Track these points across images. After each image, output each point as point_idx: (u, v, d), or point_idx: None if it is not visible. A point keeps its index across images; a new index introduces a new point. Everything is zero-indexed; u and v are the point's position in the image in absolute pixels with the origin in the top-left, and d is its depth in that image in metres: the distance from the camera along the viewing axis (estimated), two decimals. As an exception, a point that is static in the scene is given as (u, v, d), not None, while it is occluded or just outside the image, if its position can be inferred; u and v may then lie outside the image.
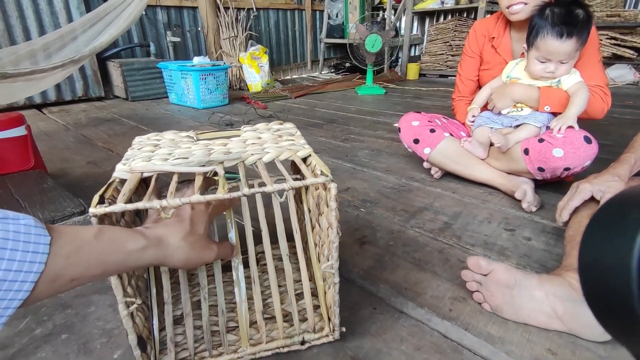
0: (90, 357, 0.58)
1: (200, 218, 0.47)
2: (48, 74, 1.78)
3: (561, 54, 0.98)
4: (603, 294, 0.18)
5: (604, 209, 0.20)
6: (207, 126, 2.05)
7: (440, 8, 3.68)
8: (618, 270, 0.17)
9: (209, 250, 0.47)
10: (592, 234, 0.19)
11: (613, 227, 0.18)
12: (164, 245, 0.41)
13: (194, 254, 0.44)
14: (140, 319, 0.51)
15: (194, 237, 0.45)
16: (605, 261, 0.18)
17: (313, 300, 0.65)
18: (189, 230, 0.44)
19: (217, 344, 0.58)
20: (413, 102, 2.66)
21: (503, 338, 0.60)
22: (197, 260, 0.46)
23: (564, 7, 0.97)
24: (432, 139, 1.18)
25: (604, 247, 0.18)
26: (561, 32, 0.95)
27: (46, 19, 2.50)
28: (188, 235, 0.44)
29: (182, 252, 0.43)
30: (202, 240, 0.46)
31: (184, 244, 0.43)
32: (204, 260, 0.46)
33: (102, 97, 2.85)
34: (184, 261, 0.44)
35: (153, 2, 2.91)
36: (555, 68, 1.01)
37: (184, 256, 0.43)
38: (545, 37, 0.97)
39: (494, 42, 1.21)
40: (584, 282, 0.20)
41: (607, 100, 1.07)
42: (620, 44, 2.91)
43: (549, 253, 0.82)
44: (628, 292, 0.16)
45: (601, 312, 0.19)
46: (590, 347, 0.58)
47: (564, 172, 0.98)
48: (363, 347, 0.59)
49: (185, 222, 0.45)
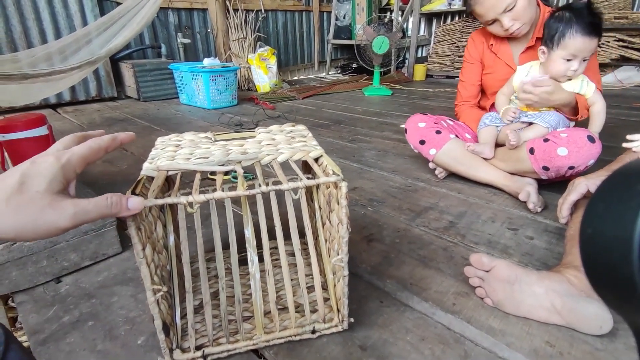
0: (116, 342, 0.62)
1: (40, 171, 0.33)
2: (66, 75, 1.84)
3: (587, 50, 1.03)
4: (602, 264, 0.18)
5: (609, 180, 0.19)
6: (217, 126, 2.10)
7: (447, 9, 3.70)
8: (619, 240, 0.16)
9: (54, 211, 0.33)
10: (595, 204, 0.19)
11: (617, 198, 0.18)
12: None
13: (26, 221, 0.32)
14: (164, 306, 0.55)
15: (24, 197, 0.32)
16: (607, 231, 0.17)
17: (323, 293, 0.68)
18: (16, 188, 0.32)
19: (233, 331, 0.62)
20: (420, 103, 2.69)
21: (504, 331, 0.63)
22: (35, 229, 0.32)
23: (585, 9, 1.01)
24: (437, 140, 1.21)
25: (606, 217, 0.18)
26: (589, 29, 1.00)
27: (62, 21, 2.57)
28: (13, 196, 0.31)
29: (5, 221, 0.31)
30: (39, 200, 0.32)
31: (7, 210, 0.31)
32: (49, 228, 0.33)
33: (115, 97, 2.92)
34: (12, 232, 0.31)
35: (164, 5, 2.97)
36: (578, 66, 1.05)
37: (9, 226, 0.31)
38: (575, 35, 1.01)
39: (492, 48, 1.25)
40: (583, 252, 0.19)
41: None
42: (627, 46, 2.90)
43: (551, 252, 0.85)
44: (628, 261, 0.16)
45: (599, 281, 0.19)
46: (588, 340, 0.61)
47: (568, 171, 1.01)
48: (370, 337, 0.63)
49: (10, 178, 0.32)
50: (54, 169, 0.34)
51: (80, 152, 0.37)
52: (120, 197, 0.39)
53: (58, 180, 0.34)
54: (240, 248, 0.66)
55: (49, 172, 0.33)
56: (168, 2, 3.00)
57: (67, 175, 0.35)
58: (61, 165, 0.34)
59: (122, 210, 0.39)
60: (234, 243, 0.61)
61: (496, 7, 1.10)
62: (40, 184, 0.33)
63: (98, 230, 0.83)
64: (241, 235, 0.62)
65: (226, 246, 0.75)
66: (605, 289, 0.19)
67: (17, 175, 0.32)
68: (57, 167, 0.34)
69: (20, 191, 0.32)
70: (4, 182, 0.32)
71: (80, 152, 0.37)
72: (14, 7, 2.37)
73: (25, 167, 0.33)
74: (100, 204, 0.36)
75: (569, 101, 1.09)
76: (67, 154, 0.36)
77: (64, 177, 0.35)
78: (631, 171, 0.18)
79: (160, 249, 0.59)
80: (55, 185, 0.34)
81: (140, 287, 0.76)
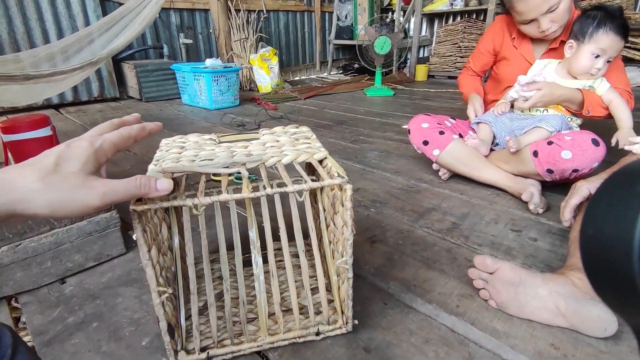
0: (121, 344, 0.63)
1: (75, 153, 0.36)
2: (68, 75, 1.84)
3: (615, 49, 1.04)
4: (603, 264, 0.18)
5: (609, 181, 0.19)
6: (219, 127, 2.10)
7: (449, 10, 3.69)
8: (620, 240, 0.16)
9: (86, 190, 0.35)
10: (596, 205, 0.19)
11: (617, 199, 0.18)
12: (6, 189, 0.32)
13: (60, 197, 0.34)
14: (169, 308, 0.55)
15: (59, 176, 0.34)
16: (608, 231, 0.17)
17: (327, 295, 0.68)
18: (51, 168, 0.34)
19: (237, 333, 0.62)
20: (422, 103, 2.69)
21: (508, 333, 0.63)
22: (67, 206, 0.34)
23: (618, 11, 1.05)
24: (441, 140, 1.21)
25: (607, 218, 0.18)
26: (620, 29, 1.02)
27: (64, 21, 2.58)
28: (49, 175, 0.34)
29: (40, 197, 0.33)
30: (73, 179, 0.35)
31: (42, 187, 0.33)
32: (81, 205, 0.35)
33: (117, 97, 2.93)
34: (47, 208, 0.33)
35: (166, 5, 2.97)
36: (603, 65, 1.06)
37: (44, 202, 0.33)
38: (608, 31, 1.03)
39: (514, 42, 1.25)
40: (584, 252, 0.19)
41: (632, 101, 1.15)
42: (630, 47, 2.89)
43: (554, 253, 0.85)
44: (629, 262, 0.16)
45: (600, 282, 0.19)
46: (592, 342, 0.61)
47: (572, 173, 1.01)
48: (374, 339, 0.63)
49: (46, 159, 0.34)
50: (87, 152, 0.36)
51: (112, 139, 0.39)
52: (149, 178, 0.40)
53: (90, 163, 0.36)
54: (245, 249, 0.66)
55: (82, 155, 0.36)
56: (170, 3, 3.01)
57: (99, 159, 0.37)
58: (94, 150, 0.37)
59: (150, 190, 0.40)
60: (239, 244, 0.61)
61: (541, 6, 1.08)
62: (74, 165, 0.35)
63: (102, 232, 0.84)
64: (245, 236, 0.63)
65: (230, 247, 0.75)
66: (606, 289, 0.19)
67: (53, 157, 0.35)
68: (90, 151, 0.37)
69: (55, 171, 0.34)
70: (40, 163, 0.34)
71: (112, 138, 0.39)
72: (17, 7, 2.38)
73: (60, 149, 0.36)
74: (129, 185, 0.38)
75: (571, 97, 1.10)
76: (100, 139, 0.38)
77: (96, 161, 0.37)
78: (631, 172, 0.18)
79: (165, 251, 0.60)
80: (88, 167, 0.36)
81: (144, 288, 0.76)
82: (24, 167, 0.34)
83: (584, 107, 1.10)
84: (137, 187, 0.39)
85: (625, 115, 1.08)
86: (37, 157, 0.35)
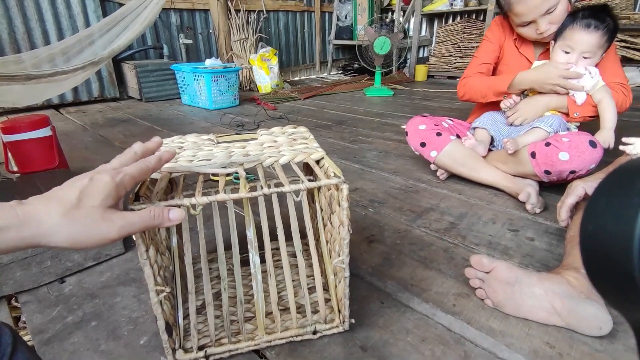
0: (119, 342, 0.63)
1: (97, 188, 0.38)
2: (69, 75, 1.85)
3: (585, 44, 1.05)
4: (603, 260, 0.18)
5: (610, 178, 0.19)
6: (219, 127, 2.11)
7: (449, 10, 3.70)
8: (620, 237, 0.16)
9: (105, 223, 0.37)
10: (596, 201, 0.19)
11: (617, 195, 0.18)
12: (35, 224, 0.34)
13: (81, 232, 0.36)
14: (167, 307, 0.55)
15: (82, 212, 0.36)
16: (608, 228, 0.17)
17: (324, 294, 0.69)
18: (74, 203, 0.36)
19: (235, 331, 0.62)
20: (421, 103, 2.69)
21: (504, 332, 0.64)
22: (87, 239, 0.37)
23: (596, 7, 1.06)
24: (438, 142, 1.21)
25: (607, 214, 0.18)
26: (588, 24, 1.03)
27: (64, 22, 2.59)
28: (72, 210, 0.36)
29: (62, 231, 0.35)
30: (94, 213, 0.37)
31: (65, 222, 0.35)
32: (100, 238, 0.37)
33: (117, 97, 2.94)
34: (68, 242, 0.36)
35: (167, 5, 2.98)
36: (576, 60, 1.07)
37: (65, 236, 0.35)
38: (574, 27, 1.05)
39: (516, 42, 1.25)
40: (584, 248, 0.19)
41: (629, 95, 1.14)
42: (630, 47, 2.89)
43: (551, 253, 0.85)
44: (628, 259, 0.16)
45: (599, 278, 0.19)
46: (587, 341, 0.61)
47: (569, 175, 1.01)
48: (371, 337, 0.63)
49: (70, 193, 0.37)
50: (108, 187, 0.38)
51: (132, 173, 0.41)
52: (162, 209, 0.42)
53: (111, 197, 0.39)
54: (243, 249, 0.67)
55: (104, 190, 0.38)
56: (170, 3, 3.02)
57: (118, 193, 0.40)
58: (115, 185, 0.39)
59: (164, 220, 0.42)
60: (236, 244, 0.61)
61: (539, 8, 1.08)
62: (95, 200, 0.37)
63: (101, 231, 0.84)
64: (243, 236, 0.63)
65: (228, 247, 0.76)
66: (605, 285, 0.19)
67: (77, 192, 0.37)
68: (111, 186, 0.39)
69: (78, 206, 0.36)
70: (64, 197, 0.36)
71: (132, 173, 0.41)
72: (17, 8, 2.39)
73: (84, 184, 0.38)
74: (144, 216, 0.41)
75: (557, 103, 1.13)
76: (121, 174, 0.40)
77: (116, 195, 0.39)
78: (632, 169, 0.18)
79: (164, 250, 0.60)
80: (109, 201, 0.38)
81: (143, 287, 0.77)
82: (50, 201, 0.36)
83: (569, 110, 1.10)
84: (152, 218, 0.41)
85: (609, 115, 1.06)
86: (62, 190, 0.37)
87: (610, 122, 1.06)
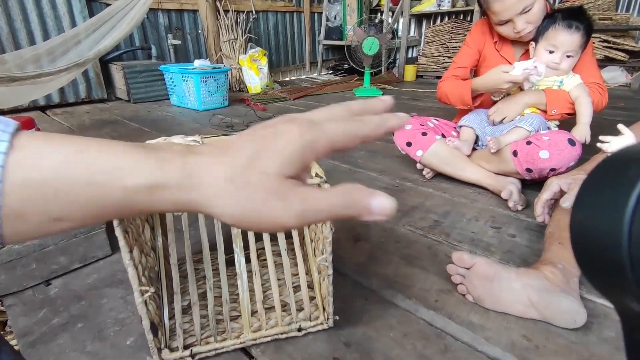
0: (105, 343, 0.63)
1: (277, 146, 0.24)
2: (54, 77, 1.83)
3: (568, 44, 1.08)
4: (592, 247, 0.18)
5: (601, 165, 0.18)
6: (208, 128, 2.10)
7: (437, 10, 3.74)
8: (610, 224, 0.16)
9: (279, 202, 0.24)
10: (587, 189, 0.18)
11: (609, 183, 0.17)
12: (197, 185, 0.23)
13: (246, 207, 0.23)
14: (152, 307, 0.56)
15: (250, 178, 0.23)
16: (598, 215, 0.17)
17: (309, 292, 0.70)
18: (244, 163, 0.24)
19: (221, 330, 0.63)
20: (410, 103, 2.72)
21: (483, 325, 0.66)
22: (253, 219, 0.24)
23: (573, 9, 1.11)
24: (424, 141, 1.23)
25: (597, 202, 0.17)
26: (570, 24, 1.07)
27: (50, 22, 2.55)
28: (239, 174, 0.23)
29: (225, 202, 0.23)
30: (265, 183, 0.24)
31: (229, 189, 0.23)
32: (270, 222, 0.24)
33: (105, 99, 2.91)
34: (231, 217, 0.24)
35: (154, 6, 2.96)
36: (560, 59, 1.10)
37: (228, 209, 0.24)
38: (556, 27, 1.09)
39: (496, 45, 1.28)
40: (574, 235, 0.19)
41: (605, 95, 1.18)
42: (612, 47, 2.97)
43: (531, 249, 0.88)
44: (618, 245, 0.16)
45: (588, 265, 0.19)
46: (563, 333, 0.64)
47: (550, 172, 1.04)
48: (355, 333, 0.65)
49: (243, 149, 0.24)
50: (293, 147, 0.24)
51: (332, 135, 0.25)
52: (362, 193, 0.25)
53: (294, 163, 0.24)
54: (228, 249, 0.67)
55: (286, 150, 0.24)
56: (158, 3, 2.99)
57: (306, 159, 0.25)
58: (303, 145, 0.24)
59: (363, 212, 0.25)
60: (222, 244, 0.62)
61: (515, 6, 1.11)
62: (271, 164, 0.24)
63: (87, 233, 0.84)
64: (228, 236, 0.64)
65: (214, 247, 0.76)
66: (594, 273, 0.19)
67: (249, 148, 0.24)
68: (297, 146, 0.24)
69: (247, 168, 0.24)
70: (234, 154, 0.24)
71: (333, 134, 0.25)
72: (1, 8, 2.35)
73: (263, 135, 0.25)
74: (335, 202, 0.25)
75: (535, 100, 1.16)
76: (315, 131, 0.25)
77: (302, 160, 0.25)
78: (624, 157, 0.18)
79: (148, 251, 0.61)
80: (289, 168, 0.24)
81: (129, 289, 0.77)
82: (220, 154, 0.24)
83: (547, 108, 1.14)
84: (347, 206, 0.25)
85: (585, 111, 1.10)
86: (234, 141, 0.25)
87: (586, 117, 1.09)
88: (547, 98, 1.13)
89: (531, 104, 1.17)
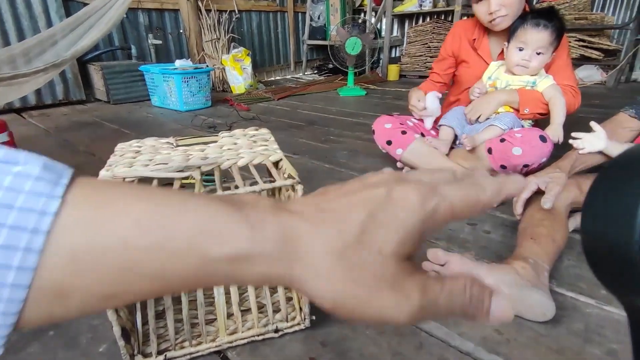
0: (77, 351, 0.62)
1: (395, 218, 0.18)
2: (30, 78, 1.79)
3: (536, 41, 1.11)
4: (603, 246, 0.17)
5: (614, 163, 0.18)
6: (190, 129, 2.08)
7: (418, 11, 3.78)
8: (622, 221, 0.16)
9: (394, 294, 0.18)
10: (598, 189, 0.18)
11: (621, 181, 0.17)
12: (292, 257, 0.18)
13: (349, 293, 0.18)
14: (124, 313, 0.55)
15: (364, 256, 0.18)
16: (609, 212, 0.17)
17: (286, 293, 0.70)
18: (356, 237, 0.18)
19: (196, 334, 0.63)
20: (393, 103, 2.74)
21: (457, 321, 0.67)
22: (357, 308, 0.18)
23: (542, 9, 1.16)
24: (403, 140, 1.25)
25: (609, 203, 0.17)
26: (537, 23, 1.10)
27: (25, 22, 2.48)
28: (354, 249, 0.18)
29: (331, 284, 0.18)
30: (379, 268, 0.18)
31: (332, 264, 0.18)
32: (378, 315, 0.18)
33: (84, 100, 2.84)
34: (330, 300, 0.18)
35: (134, 5, 2.91)
36: (530, 57, 1.13)
37: (333, 292, 0.18)
38: (525, 26, 1.12)
39: (474, 43, 1.30)
40: (584, 239, 0.19)
41: (578, 97, 1.21)
42: (587, 46, 3.05)
43: (505, 245, 0.90)
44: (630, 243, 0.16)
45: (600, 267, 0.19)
46: (533, 327, 0.65)
47: (523, 168, 1.07)
48: (331, 333, 0.65)
49: (353, 218, 0.19)
50: (413, 220, 0.19)
51: (455, 202, 0.19)
52: (483, 292, 0.20)
53: (413, 242, 0.19)
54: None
55: (406, 223, 0.19)
56: (137, 3, 2.95)
57: (424, 235, 0.20)
58: (425, 217, 0.19)
59: (480, 315, 0.20)
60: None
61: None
62: (388, 242, 0.18)
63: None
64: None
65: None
66: (605, 272, 0.19)
67: (358, 217, 0.18)
68: (418, 218, 0.19)
69: (360, 243, 0.18)
70: (335, 222, 0.19)
71: (455, 201, 0.19)
72: (-28, 7, 2.28)
73: (367, 198, 0.19)
74: (455, 300, 0.19)
75: (509, 99, 1.19)
76: (437, 198, 0.19)
77: (420, 238, 0.19)
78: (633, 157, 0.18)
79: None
80: (406, 248, 0.19)
81: (104, 294, 0.76)
82: (313, 219, 0.19)
83: (520, 107, 1.16)
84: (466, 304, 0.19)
85: (558, 111, 1.14)
86: (335, 200, 0.20)
87: (559, 117, 1.12)
88: (520, 97, 1.16)
89: (504, 102, 1.19)
